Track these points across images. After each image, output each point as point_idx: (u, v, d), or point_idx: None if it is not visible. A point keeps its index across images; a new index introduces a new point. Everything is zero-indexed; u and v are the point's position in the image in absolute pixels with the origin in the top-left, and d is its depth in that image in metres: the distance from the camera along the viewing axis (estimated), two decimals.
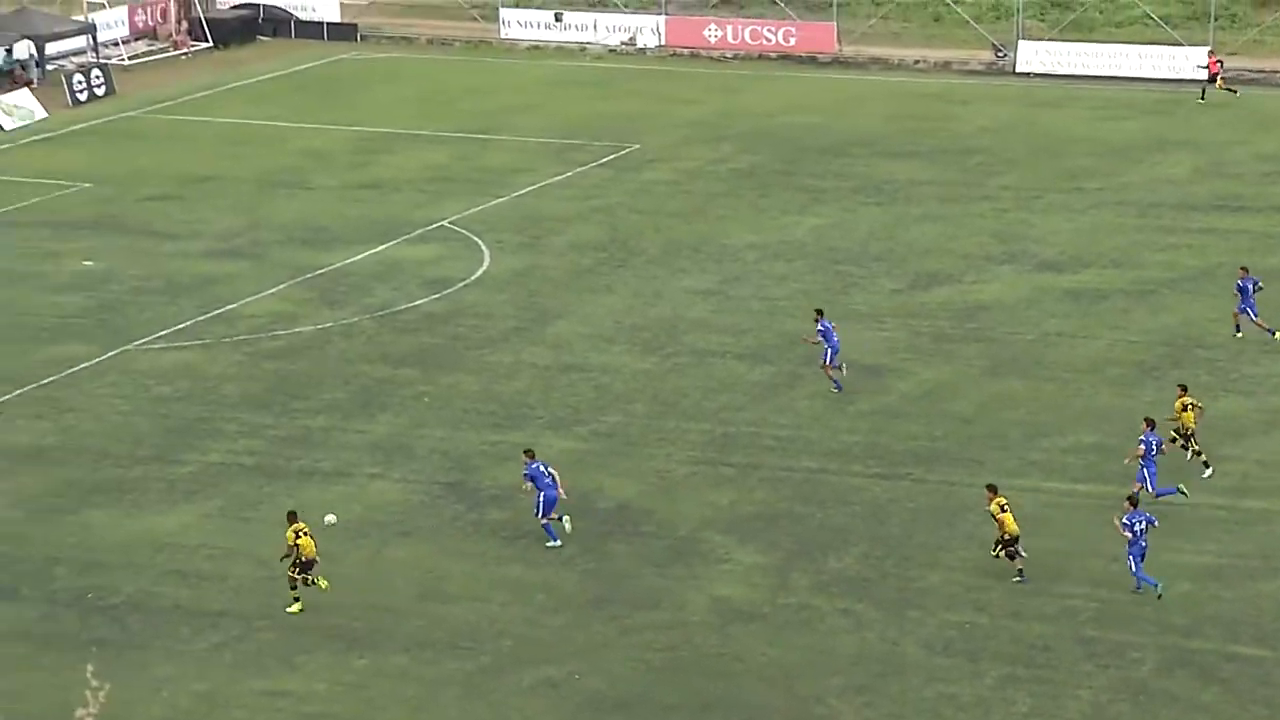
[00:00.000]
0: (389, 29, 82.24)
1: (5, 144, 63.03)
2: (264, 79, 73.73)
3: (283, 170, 59.59)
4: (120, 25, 79.22)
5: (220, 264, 49.48)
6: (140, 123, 66.47)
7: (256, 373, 41.66)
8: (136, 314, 45.46)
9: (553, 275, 48.76)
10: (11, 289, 47.10)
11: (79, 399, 39.96)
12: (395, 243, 51.56)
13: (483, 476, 36.17)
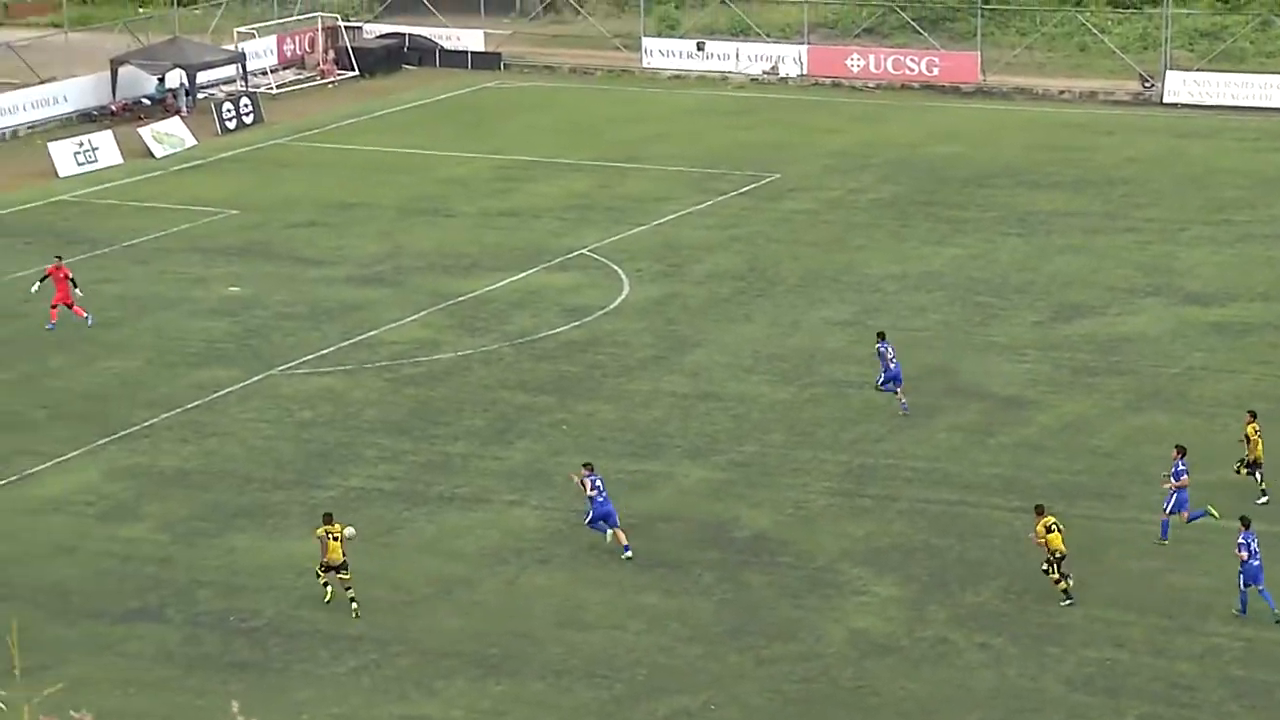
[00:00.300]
0: (532, 58, 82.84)
1: (156, 171, 64.15)
2: (408, 107, 74.51)
3: (425, 198, 60.16)
4: (269, 54, 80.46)
5: (363, 290, 50.02)
6: (287, 150, 67.40)
7: (397, 399, 42.05)
8: (281, 339, 46.06)
9: (691, 304, 48.83)
10: (161, 314, 47.90)
11: (224, 423, 40.54)
12: (535, 270, 51.87)
13: (619, 504, 36.21)
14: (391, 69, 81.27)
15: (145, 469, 37.91)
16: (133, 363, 44.24)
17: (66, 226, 56.44)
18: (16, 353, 44.80)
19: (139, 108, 72.16)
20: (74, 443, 39.17)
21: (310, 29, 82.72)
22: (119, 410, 41.07)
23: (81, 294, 46.71)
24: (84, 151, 64.15)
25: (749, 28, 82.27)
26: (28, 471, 37.70)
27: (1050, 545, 31.71)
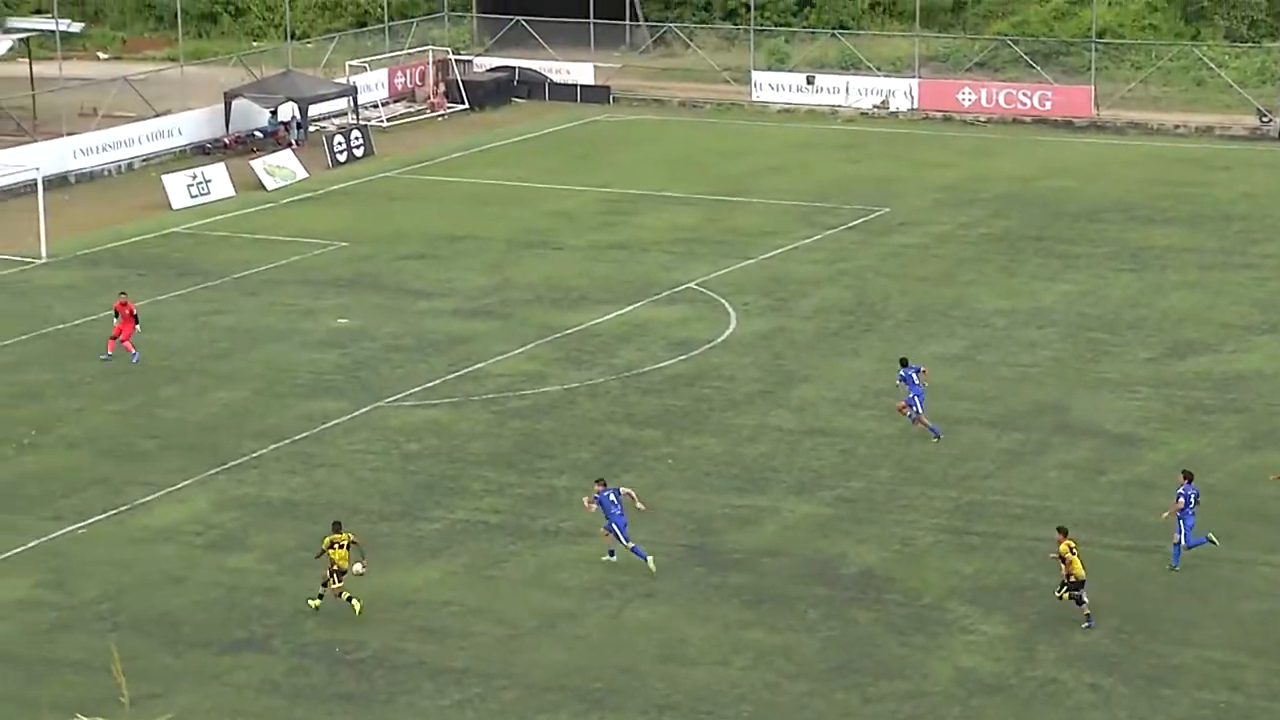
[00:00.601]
0: (641, 91, 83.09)
1: (267, 204, 64.82)
2: (517, 140, 74.92)
3: (533, 230, 60.42)
4: (380, 88, 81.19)
5: (470, 323, 50.26)
6: (396, 183, 67.92)
7: (503, 431, 42.18)
8: (388, 371, 46.34)
9: (799, 338, 48.70)
10: (271, 345, 48.34)
11: (331, 454, 40.82)
12: (642, 304, 51.93)
13: (725, 539, 36.17)
14: (501, 102, 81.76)
15: (253, 500, 38.23)
16: (242, 394, 44.66)
17: (179, 258, 57.12)
18: (130, 383, 45.32)
19: (251, 140, 72.97)
20: (184, 473, 39.56)
21: (421, 62, 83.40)
22: (228, 441, 41.45)
23: (140, 329, 47.02)
24: (197, 184, 64.94)
25: (859, 61, 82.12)
26: (139, 501, 38.11)
27: (1072, 569, 31.90)
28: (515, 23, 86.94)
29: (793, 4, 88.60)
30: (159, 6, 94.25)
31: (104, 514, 37.46)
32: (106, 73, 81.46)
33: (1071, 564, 31.95)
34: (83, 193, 66.33)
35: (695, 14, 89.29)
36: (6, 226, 60.43)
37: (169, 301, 52.28)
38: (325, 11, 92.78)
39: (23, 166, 62.70)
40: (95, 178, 68.36)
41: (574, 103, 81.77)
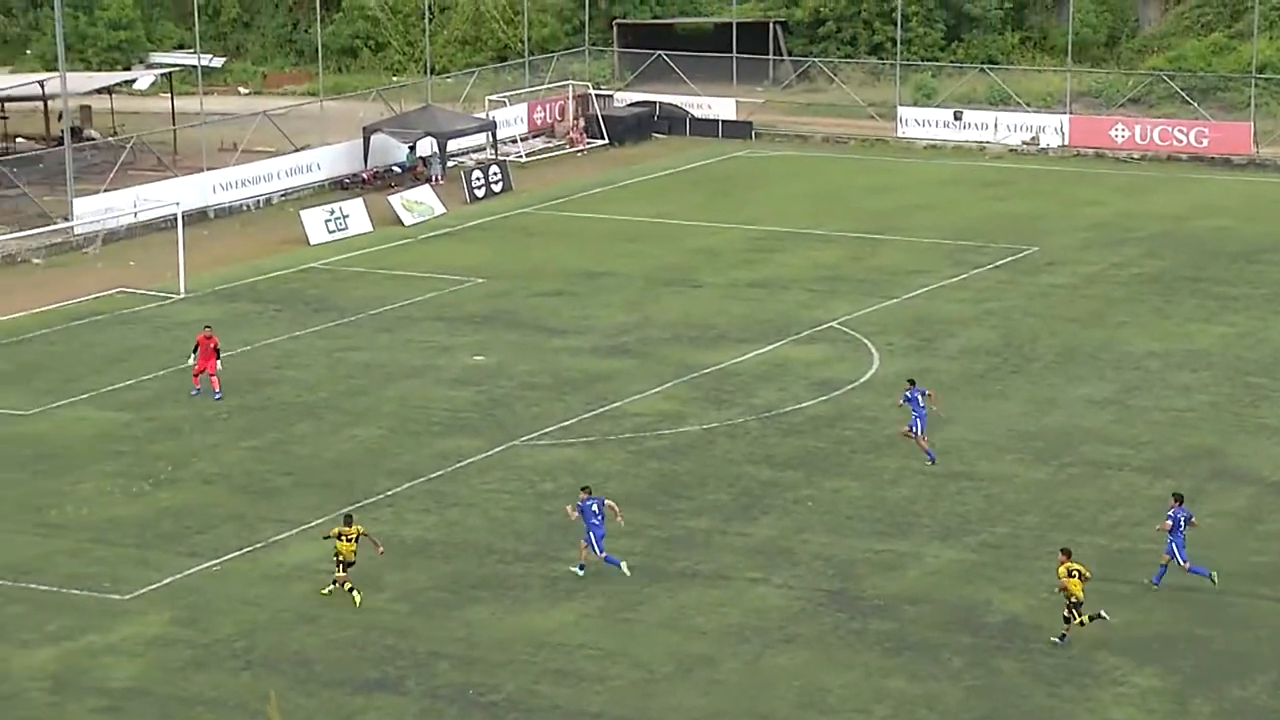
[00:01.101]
0: (784, 126, 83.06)
1: (405, 239, 65.39)
2: (657, 176, 75.12)
3: (673, 267, 60.48)
4: (519, 123, 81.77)
5: (608, 361, 50.35)
6: (534, 218, 68.30)
7: (640, 471, 42.18)
8: (524, 410, 46.51)
9: (944, 380, 48.34)
10: (407, 382, 48.69)
11: (465, 493, 41.00)
12: (783, 343, 51.79)
13: (866, 585, 35.91)
14: (641, 137, 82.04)
15: (387, 538, 38.41)
16: (377, 431, 45.00)
17: (315, 294, 57.75)
18: (265, 420, 45.82)
19: (390, 175, 73.71)
20: (318, 510, 39.89)
21: (561, 97, 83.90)
22: (363, 478, 41.76)
23: (222, 367, 47.43)
24: (335, 219, 65.65)
25: (1008, 97, 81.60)
26: (273, 538, 38.47)
27: (1070, 589, 32.69)
28: (657, 57, 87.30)
29: (940, 38, 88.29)
30: (299, 41, 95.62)
31: (238, 551, 37.86)
32: (247, 107, 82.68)
33: (1069, 586, 32.71)
34: (221, 228, 67.29)
35: (840, 48, 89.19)
36: (147, 261, 61.41)
37: (305, 337, 52.84)
38: (465, 46, 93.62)
39: (163, 201, 63.78)
40: (234, 213, 69.34)
41: (715, 138, 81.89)
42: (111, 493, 40.99)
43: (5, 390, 48.19)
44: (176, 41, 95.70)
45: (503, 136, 78.69)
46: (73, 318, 54.97)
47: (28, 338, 52.92)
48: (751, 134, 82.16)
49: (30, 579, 36.42)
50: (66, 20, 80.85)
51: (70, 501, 40.46)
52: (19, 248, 61.50)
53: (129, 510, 39.99)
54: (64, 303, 56.47)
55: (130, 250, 63.20)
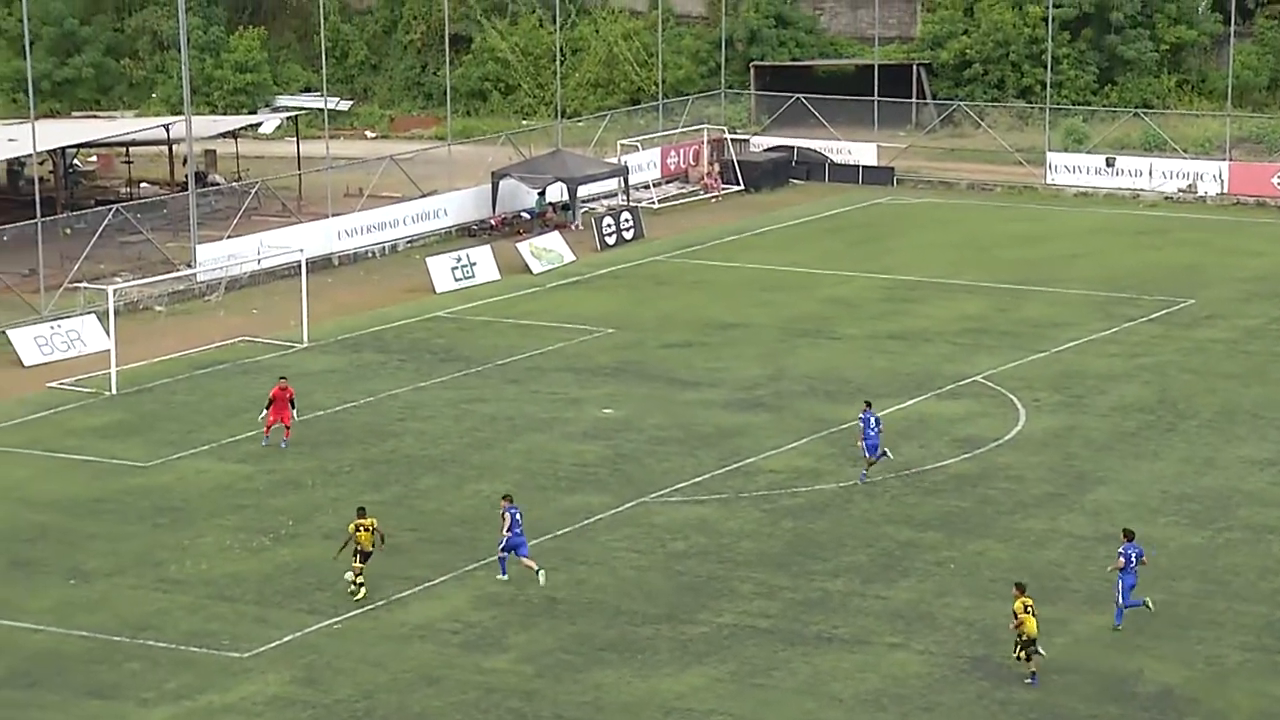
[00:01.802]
0: (927, 172, 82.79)
1: (533, 288, 65.71)
2: (794, 224, 75.06)
3: (809, 318, 60.35)
4: (652, 168, 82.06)
5: (741, 415, 50.28)
6: (667, 267, 68.43)
7: (775, 530, 42.04)
8: (654, 465, 46.51)
9: (1094, 438, 47.84)
10: (532, 436, 48.84)
11: (593, 551, 41.04)
12: (924, 398, 51.50)
13: (1011, 652, 35.52)
14: (778, 183, 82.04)
15: (512, 597, 38.54)
16: (503, 486, 45.11)
17: (441, 343, 58.15)
18: (388, 473, 46.12)
19: (518, 222, 74.16)
20: (442, 568, 40.07)
21: (695, 141, 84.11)
22: (488, 534, 41.86)
23: (297, 418, 47.68)
24: (462, 266, 66.11)
25: (1164, 142, 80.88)
26: (395, 596, 38.67)
27: (1025, 628, 33.58)
28: (795, 100, 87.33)
29: (1092, 81, 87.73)
30: (428, 84, 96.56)
31: (359, 609, 38.08)
32: (373, 151, 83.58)
33: (1024, 622, 33.59)
34: (346, 275, 67.96)
35: (987, 91, 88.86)
36: (270, 308, 62.12)
37: (430, 388, 53.19)
38: (597, 89, 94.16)
39: (287, 248, 64.53)
40: (359, 260, 70.02)
41: (855, 184, 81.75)
42: (232, 547, 41.40)
43: (126, 441, 48.86)
44: (303, 84, 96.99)
45: (635, 182, 78.94)
46: (195, 367, 55.68)
47: (149, 387, 53.65)
48: (893, 180, 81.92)
49: (149, 635, 36.83)
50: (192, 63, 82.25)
51: (190, 556, 40.91)
52: (142, 295, 62.41)
53: (249, 565, 40.37)
54: (186, 351, 57.22)
55: (253, 298, 63.98)
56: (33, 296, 60.51)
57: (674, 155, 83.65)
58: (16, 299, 60.49)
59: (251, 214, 71.27)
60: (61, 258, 63.28)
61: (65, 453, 47.84)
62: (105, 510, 43.79)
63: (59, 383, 53.92)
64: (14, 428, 50.00)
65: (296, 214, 72.11)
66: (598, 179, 76.53)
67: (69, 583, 39.48)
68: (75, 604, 38.35)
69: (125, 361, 54.52)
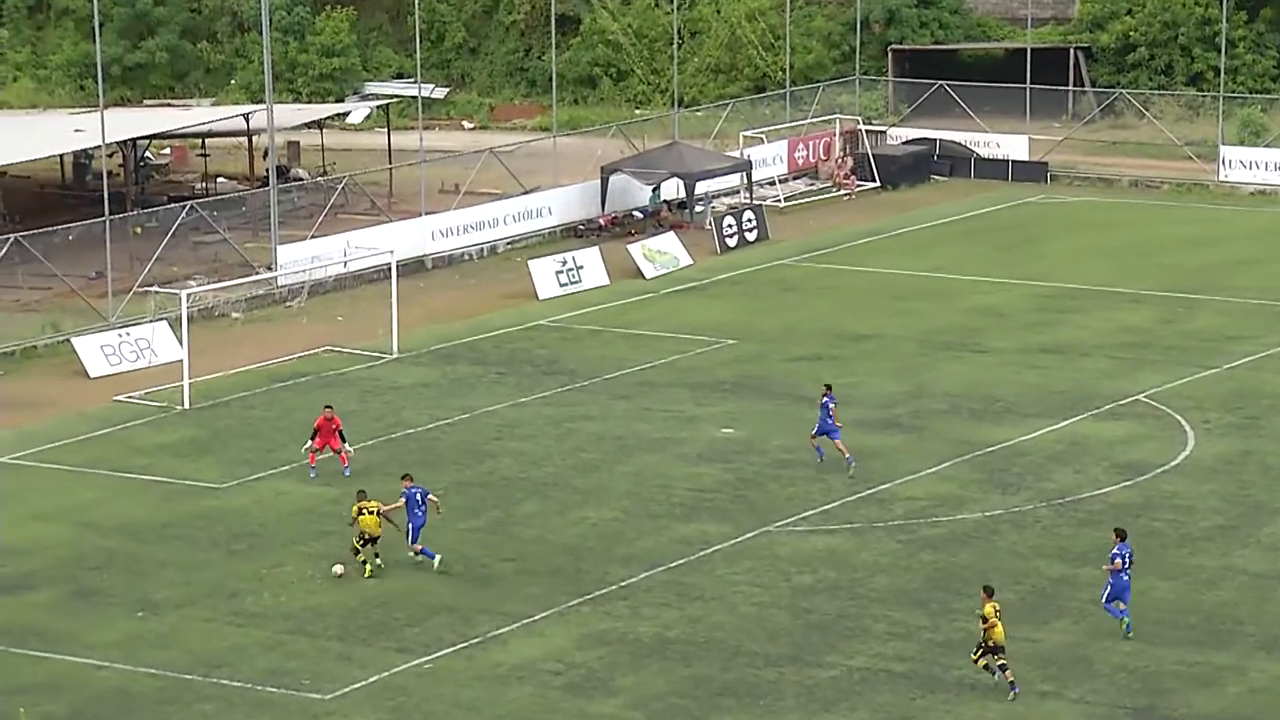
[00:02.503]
0: (1085, 168, 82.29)
1: (645, 294, 65.78)
2: (935, 224, 74.77)
3: (952, 329, 60.08)
4: (778, 162, 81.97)
5: (875, 436, 50.11)
6: (793, 272, 68.32)
7: (912, 564, 41.88)
8: (778, 490, 46.43)
9: (1271, 463, 47.37)
10: (643, 457, 48.85)
11: (710, 585, 41.00)
12: (1080, 418, 51.15)
13: (1177, 702, 35.22)
14: (918, 180, 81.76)
15: (621, 635, 38.56)
16: (610, 512, 45.22)
17: (544, 355, 58.31)
18: (485, 498, 46.27)
19: (630, 221, 74.27)
20: (543, 602, 40.15)
21: (826, 133, 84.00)
22: (594, 566, 41.95)
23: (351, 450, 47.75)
24: (567, 270, 66.29)
25: None
26: (491, 633, 38.77)
27: (995, 633, 35.03)
28: (938, 88, 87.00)
29: (1272, 67, 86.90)
30: (531, 70, 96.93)
31: (452, 647, 38.21)
32: (471, 144, 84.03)
33: (993, 628, 35.03)
34: (440, 279, 68.30)
35: (1153, 78, 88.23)
36: (356, 316, 62.50)
37: (531, 404, 53.35)
38: (718, 75, 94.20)
39: (376, 249, 64.87)
40: (454, 262, 70.35)
41: (1004, 181, 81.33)
42: (314, 578, 41.65)
43: (199, 460, 49.30)
44: (395, 70, 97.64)
45: (759, 178, 78.89)
46: (274, 379, 56.11)
47: (224, 401, 54.11)
48: (1046, 176, 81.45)
49: (223, 673, 37.11)
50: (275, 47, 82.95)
51: (268, 587, 41.19)
52: (217, 300, 62.95)
53: (332, 598, 40.60)
54: (265, 362, 57.67)
55: (338, 304, 64.42)
56: (99, 301, 61.21)
57: (802, 148, 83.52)
58: (82, 304, 61.22)
59: (338, 212, 71.76)
60: (131, 259, 63.99)
61: (133, 473, 48.32)
62: (176, 536, 44.18)
63: (127, 396, 54.49)
64: (78, 445, 50.57)
65: (386, 212, 72.55)
66: (718, 174, 76.53)
67: (137, 615, 39.85)
68: (143, 638, 38.71)
69: (199, 373, 55.01)
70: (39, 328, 59.54)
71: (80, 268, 63.91)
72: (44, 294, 62.93)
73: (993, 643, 35.27)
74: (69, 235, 64.44)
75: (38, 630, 38.96)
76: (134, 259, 63.99)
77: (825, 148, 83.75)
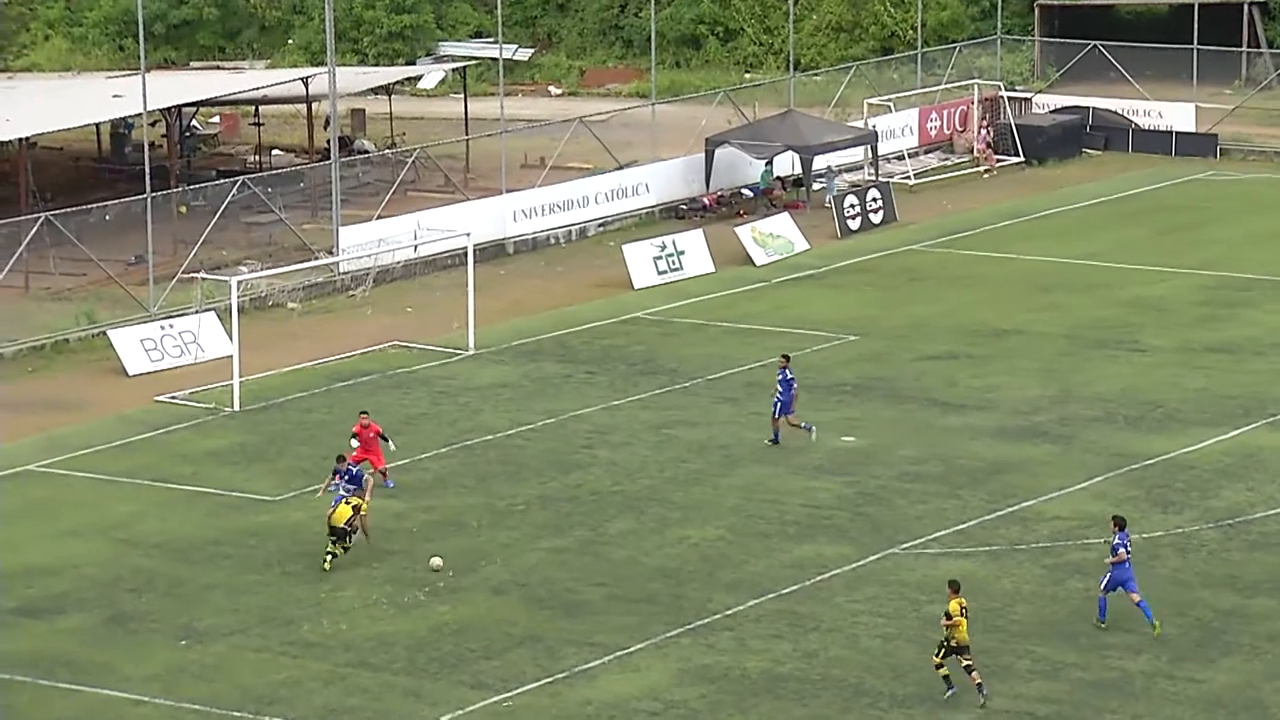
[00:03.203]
0: (1260, 141, 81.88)
1: (756, 283, 65.77)
2: (1087, 205, 74.49)
3: (1105, 325, 59.84)
4: (907, 134, 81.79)
5: (1017, 446, 49.95)
6: (924, 259, 68.17)
7: (1059, 593, 41.74)
8: (906, 507, 46.34)
9: None
10: (752, 469, 48.77)
11: (828, 614, 40.95)
12: (1253, 427, 50.93)
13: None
14: (1067, 154, 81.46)
15: (726, 671, 38.56)
16: (714, 531, 45.23)
17: (639, 352, 58.38)
18: (574, 514, 46.35)
19: (738, 201, 74.29)
20: (637, 633, 40.19)
21: (963, 101, 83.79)
22: (695, 592, 41.97)
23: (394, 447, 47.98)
24: (666, 256, 66.36)
25: None
26: (579, 668, 38.84)
27: (958, 632, 36.64)
28: (1091, 49, 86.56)
29: None
30: (627, 29, 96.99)
31: (534, 683, 38.29)
32: (558, 112, 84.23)
33: (956, 627, 36.55)
34: (522, 266, 68.48)
35: None
36: (427, 306, 62.72)
37: (625, 408, 53.43)
38: (839, 34, 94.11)
39: (451, 232, 64.95)
40: (538, 247, 70.52)
41: (1167, 155, 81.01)
42: (378, 603, 41.84)
43: (250, 469, 49.61)
44: (473, 29, 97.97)
45: (885, 152, 78.74)
46: (334, 378, 56.38)
47: (278, 403, 54.42)
48: (1215, 150, 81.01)
49: (276, 710, 37.32)
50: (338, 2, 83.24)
51: (327, 613, 41.39)
52: (272, 288, 63.30)
53: (399, 626, 40.77)
54: (324, 359, 57.95)
55: (408, 293, 64.67)
56: (139, 290, 61.65)
57: (935, 118, 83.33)
58: (120, 292, 61.69)
59: (407, 189, 72.07)
60: (175, 242, 64.49)
61: (176, 483, 48.68)
62: (224, 555, 44.47)
63: (169, 396, 54.89)
64: (115, 451, 50.97)
65: (462, 189, 72.77)
66: (839, 148, 76.45)
67: (180, 644, 40.12)
68: (187, 670, 38.96)
69: (250, 371, 55.35)
70: (72, 319, 60.03)
71: (118, 251, 64.41)
72: (77, 281, 63.43)
73: (956, 642, 36.70)
74: (105, 215, 64.93)
75: (69, 660, 39.28)
76: (178, 241, 64.48)
77: (962, 118, 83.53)
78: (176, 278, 61.66)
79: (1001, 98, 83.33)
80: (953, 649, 36.84)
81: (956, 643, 36.79)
